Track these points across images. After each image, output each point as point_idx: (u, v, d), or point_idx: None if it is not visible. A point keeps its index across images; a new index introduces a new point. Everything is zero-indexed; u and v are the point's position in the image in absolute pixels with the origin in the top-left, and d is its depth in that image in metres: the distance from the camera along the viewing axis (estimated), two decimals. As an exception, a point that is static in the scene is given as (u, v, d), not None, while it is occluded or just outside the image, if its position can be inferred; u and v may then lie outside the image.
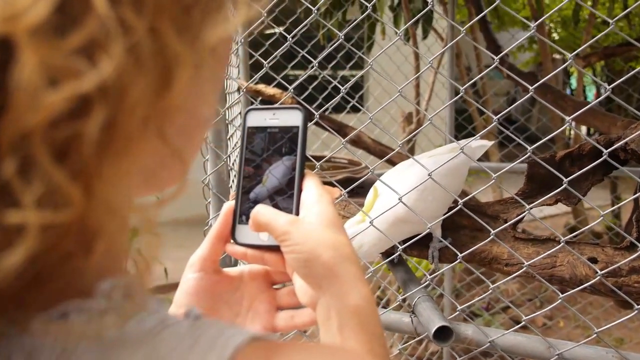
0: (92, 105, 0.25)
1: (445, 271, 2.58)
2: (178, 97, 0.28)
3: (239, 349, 0.30)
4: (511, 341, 0.96)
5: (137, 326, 0.30)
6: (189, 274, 0.55)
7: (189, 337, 0.30)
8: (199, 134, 0.37)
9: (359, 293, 0.46)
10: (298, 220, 0.49)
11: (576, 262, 0.99)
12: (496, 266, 1.08)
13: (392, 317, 1.06)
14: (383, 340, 0.47)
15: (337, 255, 0.46)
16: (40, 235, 0.24)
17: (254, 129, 0.55)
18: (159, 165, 0.33)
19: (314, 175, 0.53)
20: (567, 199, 1.07)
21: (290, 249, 0.47)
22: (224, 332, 0.31)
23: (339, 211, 1.26)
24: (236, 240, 0.54)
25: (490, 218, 1.14)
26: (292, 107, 0.54)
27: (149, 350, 0.29)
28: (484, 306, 2.93)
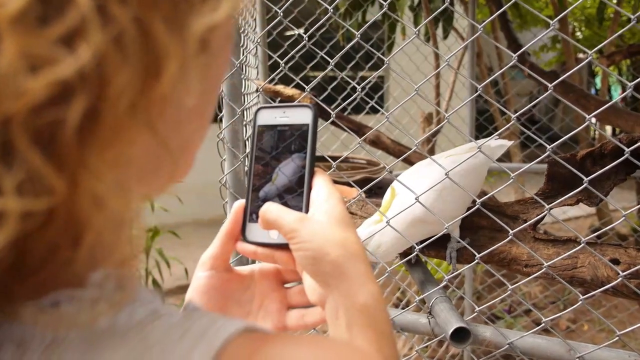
0: (73, 93, 0.25)
1: (465, 273, 2.55)
2: (166, 88, 0.28)
3: (229, 339, 0.29)
4: (530, 343, 0.95)
5: (129, 316, 0.31)
6: (200, 273, 0.55)
7: (180, 327, 0.30)
8: (193, 130, 0.37)
9: (368, 291, 0.46)
10: (306, 218, 0.49)
11: (598, 263, 0.97)
12: (515, 267, 1.07)
13: (409, 317, 1.05)
14: (392, 339, 0.47)
15: (345, 253, 0.46)
16: (21, 222, 0.24)
17: (265, 127, 0.55)
18: (154, 161, 0.32)
19: (323, 173, 0.53)
20: (589, 199, 1.05)
21: (298, 246, 0.47)
22: (216, 322, 0.30)
23: (356, 211, 1.26)
24: (246, 238, 0.54)
25: (509, 218, 1.12)
26: (303, 105, 0.54)
27: (139, 340, 0.29)
28: (506, 309, 2.90)
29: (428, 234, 1.07)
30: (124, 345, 0.29)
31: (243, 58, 1.17)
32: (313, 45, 1.17)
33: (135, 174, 0.30)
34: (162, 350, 0.28)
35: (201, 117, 0.37)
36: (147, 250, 2.73)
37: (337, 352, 0.30)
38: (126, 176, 0.29)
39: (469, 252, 1.06)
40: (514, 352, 0.96)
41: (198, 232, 3.70)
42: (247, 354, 0.29)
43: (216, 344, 0.29)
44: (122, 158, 0.28)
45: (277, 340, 0.31)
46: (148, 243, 2.74)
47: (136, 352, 0.28)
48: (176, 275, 3.08)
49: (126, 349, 0.28)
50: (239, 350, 0.29)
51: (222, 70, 0.38)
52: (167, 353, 0.28)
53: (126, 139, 0.28)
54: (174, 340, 0.29)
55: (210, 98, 0.38)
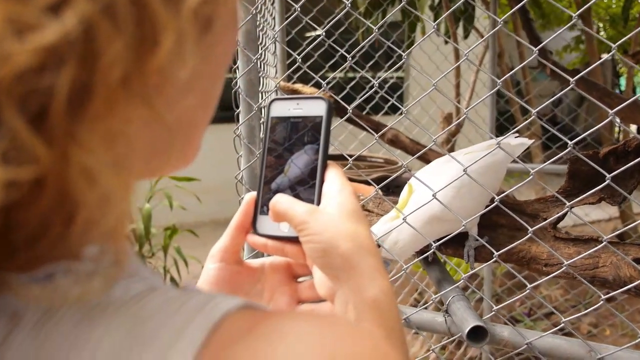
0: (62, 61, 0.24)
1: (484, 275, 2.52)
2: (162, 61, 0.27)
3: (228, 313, 0.29)
4: (549, 344, 0.93)
5: (124, 290, 0.30)
6: (209, 265, 0.54)
7: (177, 300, 0.30)
8: (196, 111, 0.36)
9: (378, 286, 0.45)
10: (317, 210, 0.48)
11: (620, 262, 0.95)
12: (535, 266, 1.05)
13: (425, 316, 1.04)
14: (402, 334, 0.46)
15: (355, 246, 0.45)
16: (5, 191, 0.24)
17: (278, 119, 0.55)
18: (154, 140, 0.32)
19: (336, 166, 0.52)
20: (611, 198, 1.02)
21: (308, 238, 0.46)
22: (215, 297, 0.30)
23: (372, 209, 1.25)
24: (257, 231, 0.54)
25: (529, 217, 1.10)
26: (317, 97, 0.53)
27: (133, 312, 0.28)
28: (526, 312, 2.85)
29: (445, 232, 1.06)
30: (117, 318, 0.28)
31: (259, 54, 1.17)
32: (334, 45, 1.16)
33: (134, 152, 0.29)
34: (157, 322, 0.28)
35: (205, 98, 0.37)
36: (165, 248, 2.75)
37: (341, 329, 0.29)
38: (122, 154, 0.28)
39: (487, 250, 1.05)
40: (533, 353, 0.94)
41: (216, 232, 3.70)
42: (246, 327, 0.28)
43: (214, 317, 0.28)
44: (116, 134, 0.27)
45: (279, 315, 0.31)
46: (166, 241, 2.75)
47: (129, 324, 0.28)
48: (194, 274, 3.10)
49: (119, 321, 0.28)
50: (237, 324, 0.29)
51: (227, 52, 0.37)
52: (161, 325, 0.28)
53: (120, 114, 0.27)
54: (170, 313, 0.28)
55: (215, 80, 0.37)
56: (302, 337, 0.28)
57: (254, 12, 1.12)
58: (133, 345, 0.27)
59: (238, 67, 1.16)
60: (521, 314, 2.82)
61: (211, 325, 0.28)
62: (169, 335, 0.27)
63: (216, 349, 0.27)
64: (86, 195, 0.26)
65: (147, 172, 0.37)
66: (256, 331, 0.28)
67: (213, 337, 0.27)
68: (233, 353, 0.27)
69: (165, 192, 2.76)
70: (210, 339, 0.27)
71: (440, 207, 1.00)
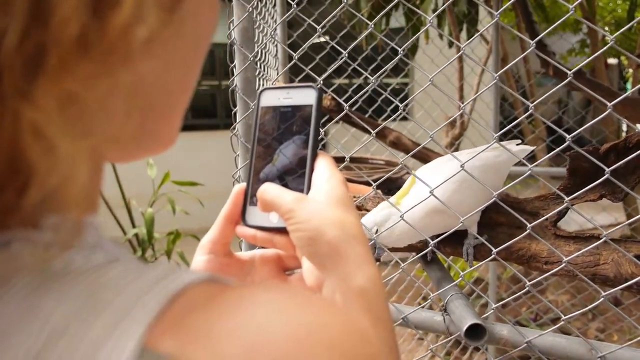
0: (8, 12, 0.24)
1: (489, 279, 2.50)
2: (123, 22, 0.27)
3: (189, 285, 0.28)
4: (550, 342, 0.91)
5: (85, 261, 0.29)
6: (198, 256, 0.53)
7: (138, 270, 0.28)
8: (168, 91, 0.35)
9: (365, 274, 0.44)
10: (304, 198, 0.47)
11: (621, 259, 0.93)
12: (535, 264, 1.03)
13: (423, 315, 1.02)
14: (390, 325, 0.45)
15: (342, 234, 0.44)
16: None
17: (268, 109, 0.54)
18: (118, 113, 0.30)
19: (326, 155, 0.51)
20: (612, 195, 1.01)
21: (295, 227, 0.45)
22: (178, 270, 0.29)
23: (371, 208, 1.23)
24: (246, 222, 0.53)
25: (529, 215, 1.09)
26: (306, 85, 0.53)
27: (91, 281, 0.27)
28: (532, 317, 2.82)
29: (444, 228, 1.04)
30: (73, 288, 0.27)
31: (256, 53, 1.16)
32: (336, 50, 1.15)
33: (94, 120, 0.28)
34: (113, 291, 0.27)
35: (180, 78, 0.36)
36: (168, 253, 2.74)
37: (308, 301, 0.28)
38: (80, 119, 0.27)
39: (486, 248, 1.03)
40: (533, 352, 0.92)
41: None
42: (207, 298, 0.27)
43: (174, 287, 0.27)
44: (72, 96, 0.26)
45: (242, 286, 0.29)
46: (169, 246, 2.75)
47: (85, 294, 0.27)
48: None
49: (75, 291, 0.27)
50: (198, 295, 0.27)
51: (203, 30, 0.37)
52: (117, 294, 0.26)
53: (77, 75, 0.26)
54: (128, 282, 0.27)
55: (190, 59, 0.36)
56: (265, 306, 0.27)
57: (250, 10, 1.11)
58: (86, 315, 0.26)
59: (235, 65, 1.15)
60: (527, 319, 2.78)
61: (170, 294, 0.27)
62: (125, 304, 0.26)
63: (173, 318, 0.26)
64: (39, 159, 0.26)
65: (119, 153, 0.36)
66: (217, 301, 0.27)
67: (171, 306, 0.26)
68: (191, 322, 0.26)
69: (168, 197, 2.76)
70: (168, 308, 0.26)
71: (441, 199, 0.99)
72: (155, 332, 0.25)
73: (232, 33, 1.13)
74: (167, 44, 0.33)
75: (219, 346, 0.25)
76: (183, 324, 0.26)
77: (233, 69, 1.16)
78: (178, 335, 0.25)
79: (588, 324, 2.77)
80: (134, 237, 2.78)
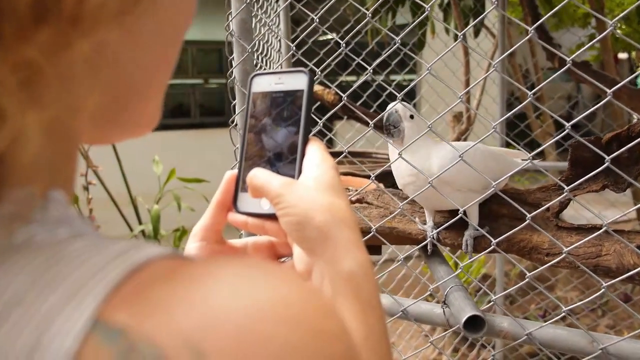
0: None
1: (497, 275, 2.47)
2: None
3: (151, 259, 0.27)
4: (551, 334, 0.90)
5: (49, 235, 0.28)
6: (191, 244, 0.53)
7: (101, 244, 0.28)
8: (144, 69, 0.34)
9: (354, 259, 0.43)
10: (293, 183, 0.46)
11: (624, 250, 0.91)
12: (536, 256, 1.01)
13: (423, 307, 1.01)
14: (379, 311, 0.44)
15: (331, 218, 0.44)
16: None
17: (259, 95, 0.53)
18: (85, 88, 0.30)
19: (317, 140, 0.51)
20: (615, 185, 0.99)
21: (284, 212, 0.45)
22: (140, 244, 0.28)
23: (372, 201, 1.22)
24: (237, 208, 0.52)
25: (531, 206, 1.07)
26: (298, 70, 0.52)
27: (51, 255, 0.27)
28: (541, 314, 2.79)
29: (443, 205, 1.04)
30: (33, 260, 0.26)
31: (255, 44, 1.16)
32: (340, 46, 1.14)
33: (55, 92, 0.28)
34: (73, 265, 0.26)
35: (155, 55, 0.35)
36: (175, 249, 2.75)
37: (273, 276, 0.27)
38: (40, 89, 0.27)
39: (487, 240, 1.02)
40: (534, 344, 0.91)
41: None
42: (168, 272, 0.27)
43: (135, 261, 0.26)
44: (29, 65, 0.26)
45: (205, 260, 0.29)
46: (175, 243, 2.75)
47: (44, 266, 0.26)
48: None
49: (34, 264, 0.26)
50: (159, 269, 0.27)
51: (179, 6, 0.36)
52: (76, 268, 0.26)
53: (35, 46, 0.26)
54: (88, 256, 0.27)
55: (166, 37, 0.36)
56: (225, 280, 0.26)
57: (249, 1, 1.10)
58: (43, 287, 0.25)
59: (233, 57, 1.15)
60: (535, 315, 2.76)
61: (129, 268, 0.26)
62: (83, 276, 0.26)
63: (130, 291, 0.25)
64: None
65: (96, 133, 0.36)
66: (176, 274, 0.26)
67: (130, 279, 0.26)
68: (147, 294, 0.25)
69: (174, 194, 2.76)
70: (126, 282, 0.26)
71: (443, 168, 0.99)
72: (111, 305, 0.25)
73: (230, 25, 1.12)
74: (138, 17, 0.32)
75: (173, 318, 0.24)
76: (139, 297, 0.25)
77: (232, 61, 1.15)
78: (133, 308, 0.25)
79: (597, 320, 2.73)
80: (141, 234, 2.79)
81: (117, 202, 2.82)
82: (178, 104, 6.64)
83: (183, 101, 6.66)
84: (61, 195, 0.30)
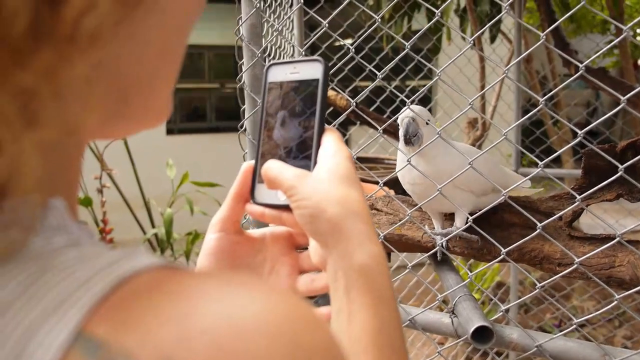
0: None
1: (511, 284, 2.44)
2: (75, 10, 0.26)
3: (140, 270, 0.27)
4: (561, 347, 0.88)
5: (45, 243, 0.28)
6: (209, 235, 0.53)
7: (93, 254, 0.28)
8: (150, 66, 0.34)
9: (367, 251, 0.43)
10: (307, 175, 0.46)
11: (637, 262, 0.89)
12: (548, 266, 0.99)
13: (431, 317, 1.00)
14: (393, 303, 0.44)
15: (344, 210, 0.44)
16: None
17: (275, 84, 0.53)
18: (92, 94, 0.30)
19: (334, 130, 0.50)
20: (630, 194, 0.97)
21: (297, 204, 0.45)
22: (132, 254, 0.28)
23: (382, 207, 1.21)
24: (255, 200, 0.52)
25: (543, 215, 1.05)
26: (312, 59, 0.52)
27: (43, 264, 0.27)
28: (556, 324, 2.75)
29: (441, 205, 1.03)
30: (25, 269, 0.26)
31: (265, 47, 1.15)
32: (356, 52, 1.13)
33: (53, 113, 0.27)
34: (62, 275, 0.26)
35: (160, 51, 0.35)
36: (187, 253, 2.76)
37: (255, 290, 0.27)
38: (34, 113, 0.26)
39: (497, 249, 1.00)
40: (544, 356, 0.89)
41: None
42: (154, 284, 0.26)
43: (123, 272, 0.26)
44: (27, 88, 0.26)
45: (191, 274, 0.28)
46: (188, 247, 2.76)
47: (35, 275, 0.26)
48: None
49: (26, 274, 0.26)
50: (147, 281, 0.27)
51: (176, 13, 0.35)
52: (64, 278, 0.26)
53: (32, 71, 0.25)
54: (79, 266, 0.27)
55: (170, 32, 0.35)
56: (208, 295, 0.26)
57: (258, 6, 1.10)
58: (30, 296, 0.25)
59: (243, 62, 1.14)
60: (551, 325, 2.71)
61: (116, 280, 0.26)
62: (69, 287, 0.25)
63: (114, 304, 0.25)
64: None
65: (99, 128, 0.35)
66: (159, 289, 0.26)
67: (115, 292, 0.26)
68: (133, 308, 0.25)
69: (187, 198, 2.77)
70: (111, 294, 0.25)
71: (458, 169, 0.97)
72: (94, 318, 0.25)
73: (240, 29, 1.12)
74: (140, 19, 0.31)
75: (152, 333, 0.24)
76: (121, 311, 0.25)
77: (241, 65, 1.15)
78: (114, 321, 0.25)
79: (614, 331, 2.68)
80: (154, 237, 2.80)
81: (130, 205, 2.84)
82: (194, 108, 6.68)
83: (199, 105, 6.70)
84: (61, 203, 0.30)
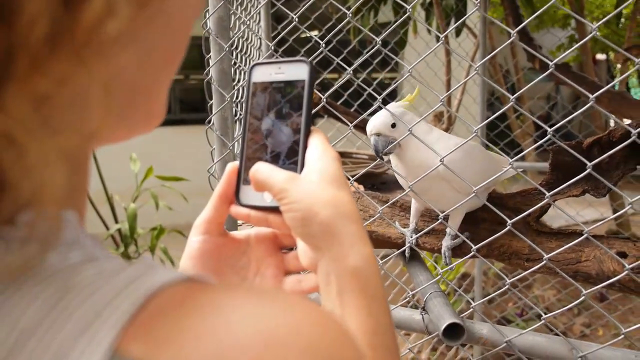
0: None
1: (475, 275, 2.48)
2: (93, 18, 0.25)
3: (163, 286, 0.26)
4: (530, 342, 0.89)
5: (61, 258, 0.28)
6: (193, 237, 0.52)
7: (113, 270, 0.27)
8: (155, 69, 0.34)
9: (359, 253, 0.43)
10: (297, 177, 0.46)
11: (603, 256, 0.91)
12: (516, 261, 1.01)
13: (402, 313, 1.00)
14: (384, 304, 0.44)
15: (335, 213, 0.43)
16: None
17: (259, 85, 0.52)
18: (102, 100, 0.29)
19: (319, 132, 0.50)
20: (595, 190, 0.98)
21: (288, 207, 0.45)
22: (154, 269, 0.27)
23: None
24: (240, 201, 0.51)
25: (511, 211, 1.06)
26: (298, 59, 0.51)
27: (64, 282, 0.26)
28: (518, 312, 2.81)
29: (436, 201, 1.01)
30: (47, 288, 0.26)
31: (233, 41, 1.13)
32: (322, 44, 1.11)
33: (72, 118, 0.27)
34: (86, 293, 0.25)
35: (165, 55, 0.35)
36: (152, 248, 2.71)
37: (280, 303, 0.27)
38: (54, 119, 0.26)
39: (467, 245, 1.01)
40: (513, 351, 0.90)
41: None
42: (180, 300, 0.26)
43: (147, 289, 0.26)
44: (45, 95, 0.25)
45: (215, 288, 0.28)
46: (153, 242, 2.71)
47: (58, 295, 0.25)
48: (182, 275, 3.05)
49: (48, 292, 0.26)
50: (171, 297, 0.26)
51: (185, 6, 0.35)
52: (89, 297, 0.25)
53: (50, 75, 0.25)
54: (101, 284, 0.26)
55: (173, 36, 0.35)
56: (239, 310, 0.26)
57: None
58: (57, 316, 0.25)
59: (210, 56, 1.12)
60: (513, 315, 2.77)
61: (143, 297, 0.26)
62: (96, 306, 0.25)
63: (144, 322, 0.25)
64: (11, 167, 0.24)
65: (113, 135, 0.35)
66: (189, 304, 0.26)
67: (143, 309, 0.25)
68: (161, 325, 0.25)
69: (151, 192, 2.72)
70: (140, 312, 0.25)
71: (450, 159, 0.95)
72: (127, 336, 0.24)
73: (208, 23, 1.09)
74: (145, 33, 0.31)
75: (186, 351, 0.24)
76: (153, 328, 0.25)
77: (209, 60, 1.12)
78: (147, 340, 0.24)
79: (573, 319, 2.76)
80: (117, 233, 2.74)
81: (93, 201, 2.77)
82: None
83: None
84: (74, 216, 0.30)
